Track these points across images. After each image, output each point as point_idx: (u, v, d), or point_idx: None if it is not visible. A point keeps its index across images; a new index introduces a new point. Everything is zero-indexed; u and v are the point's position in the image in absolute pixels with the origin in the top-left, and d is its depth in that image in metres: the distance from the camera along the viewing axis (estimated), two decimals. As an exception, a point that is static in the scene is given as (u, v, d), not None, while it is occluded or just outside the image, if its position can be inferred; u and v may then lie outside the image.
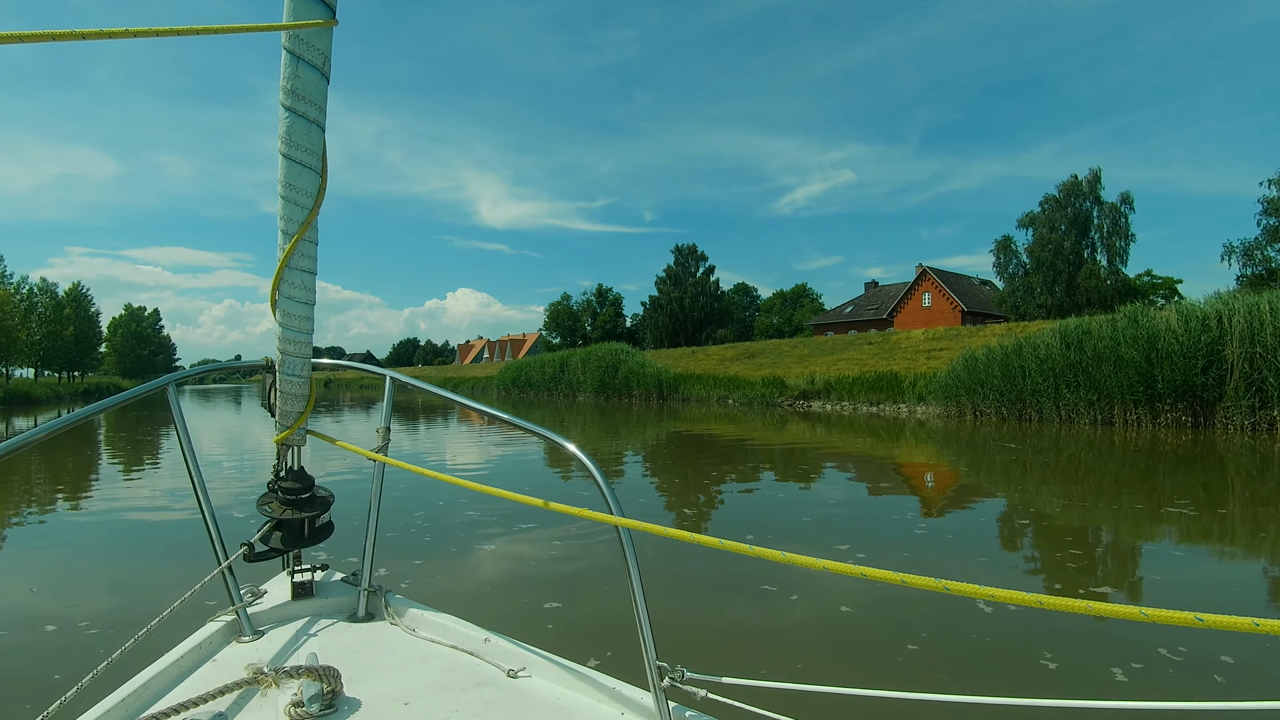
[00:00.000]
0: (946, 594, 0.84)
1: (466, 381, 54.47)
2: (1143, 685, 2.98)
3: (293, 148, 1.39)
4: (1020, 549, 5.61)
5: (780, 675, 2.98)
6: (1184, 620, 0.71)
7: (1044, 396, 17.00)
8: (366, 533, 1.79)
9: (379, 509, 1.81)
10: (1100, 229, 41.36)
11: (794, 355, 36.69)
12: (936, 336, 32.55)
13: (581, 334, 73.57)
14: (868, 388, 22.11)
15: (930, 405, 19.85)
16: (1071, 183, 42.18)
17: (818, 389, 23.86)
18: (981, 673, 3.19)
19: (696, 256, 66.56)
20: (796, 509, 7.12)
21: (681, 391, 28.91)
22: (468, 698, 1.32)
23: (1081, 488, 8.18)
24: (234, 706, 1.24)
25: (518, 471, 10.28)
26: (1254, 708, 0.78)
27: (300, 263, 1.53)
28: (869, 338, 36.43)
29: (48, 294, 58.00)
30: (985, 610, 3.88)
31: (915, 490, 8.45)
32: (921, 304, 49.48)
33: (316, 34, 1.33)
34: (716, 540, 1.08)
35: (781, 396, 24.34)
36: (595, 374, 33.02)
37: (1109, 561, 5.19)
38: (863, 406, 21.91)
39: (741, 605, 4.10)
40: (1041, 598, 0.78)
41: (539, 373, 38.95)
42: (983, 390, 18.08)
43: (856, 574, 0.91)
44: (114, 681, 1.29)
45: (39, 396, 44.37)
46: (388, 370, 2.03)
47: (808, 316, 67.44)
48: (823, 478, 9.47)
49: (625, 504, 1.33)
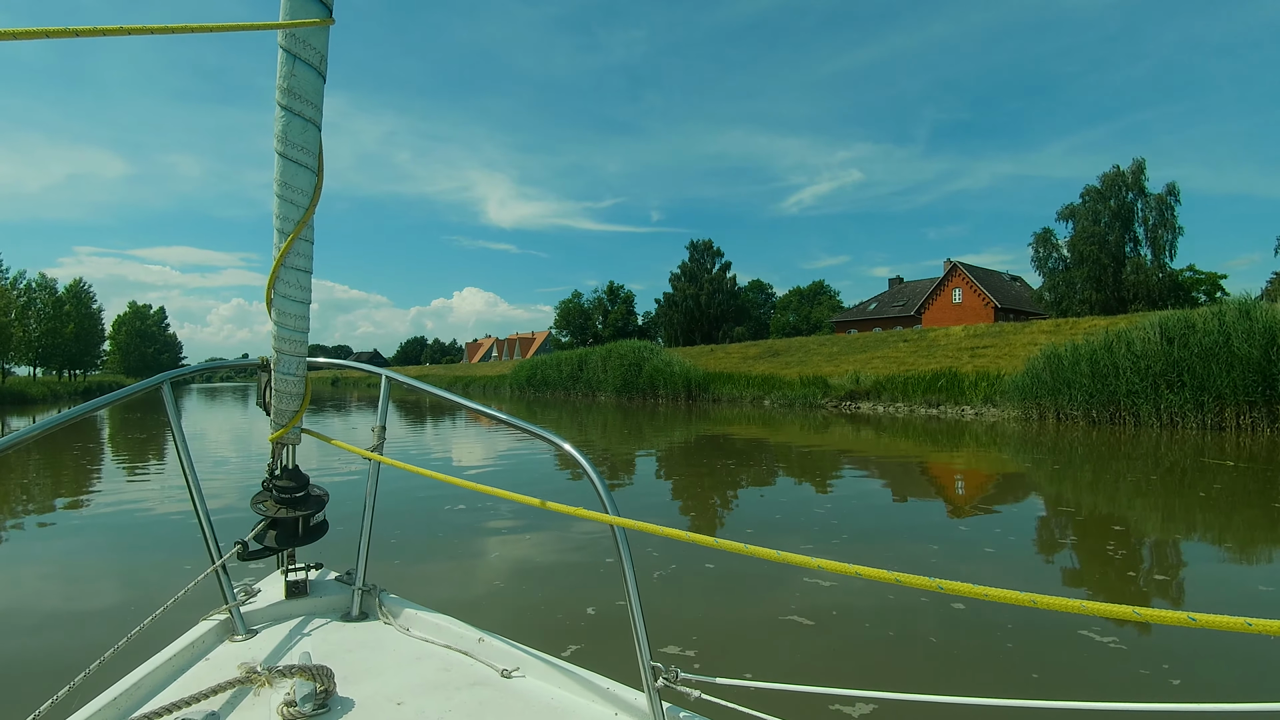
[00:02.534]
0: (941, 593, 0.83)
1: (477, 381, 52.66)
2: (1142, 685, 3.01)
3: (289, 147, 1.38)
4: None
5: (774, 676, 2.66)
6: (1177, 620, 0.72)
7: (1141, 398, 15.08)
8: (361, 532, 1.78)
9: (374, 508, 1.80)
10: (1145, 221, 39.26)
11: (822, 353, 35.14)
12: (978, 334, 30.93)
13: (593, 332, 71.79)
14: (924, 388, 20.17)
15: (999, 407, 17.93)
16: (1114, 174, 40.10)
17: (865, 389, 21.93)
18: (977, 673, 3.19)
19: (712, 253, 64.64)
20: (933, 534, 5.67)
21: (712, 391, 26.97)
22: (461, 698, 1.31)
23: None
24: (227, 706, 1.23)
25: (514, 471, 10.11)
26: (1254, 709, 0.78)
27: (296, 262, 1.51)
28: (903, 335, 34.77)
29: (47, 290, 56.08)
30: (983, 611, 3.84)
31: (1083, 526, 6.55)
32: (952, 300, 47.41)
33: (313, 33, 1.33)
34: (712, 539, 1.07)
35: (825, 397, 22.41)
36: (617, 373, 31.07)
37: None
38: (919, 408, 19.98)
39: (736, 605, 4.07)
40: (1035, 597, 0.78)
41: (555, 371, 37.07)
42: (1069, 391, 16.15)
43: (851, 573, 0.91)
44: (106, 680, 1.27)
45: (35, 396, 42.27)
46: (383, 370, 1.99)
47: (826, 314, 65.52)
48: (925, 494, 7.83)
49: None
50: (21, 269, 55.20)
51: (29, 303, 53.51)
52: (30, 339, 52.44)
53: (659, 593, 4.22)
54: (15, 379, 47.21)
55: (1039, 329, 28.55)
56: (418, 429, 18.34)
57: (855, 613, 3.93)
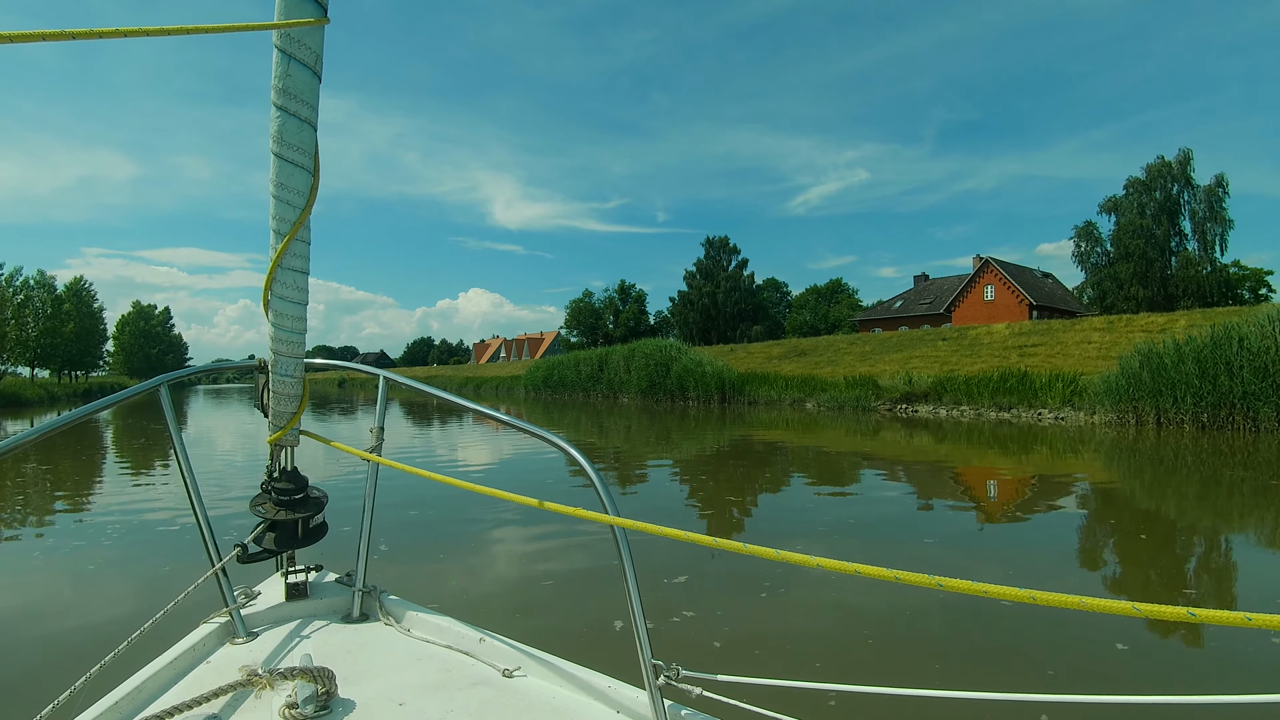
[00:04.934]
0: (941, 590, 0.81)
1: (489, 382, 50.91)
2: (1139, 678, 3.02)
3: (284, 147, 1.37)
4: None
5: (776, 673, 2.70)
6: (1178, 615, 0.72)
7: (1262, 400, 13.24)
8: (360, 533, 1.77)
9: (373, 509, 1.79)
10: (1193, 214, 37.28)
11: (854, 352, 33.60)
12: (1023, 332, 29.34)
13: (603, 332, 70.03)
14: (992, 389, 18.32)
15: (1082, 410, 16.09)
16: (1159, 164, 38.14)
17: (921, 391, 20.09)
18: (979, 668, 3.18)
19: (729, 250, 62.80)
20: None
21: (748, 394, 25.13)
22: (463, 698, 1.31)
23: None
24: (228, 708, 1.23)
25: (514, 471, 10.06)
26: (1252, 701, 0.78)
27: (292, 263, 1.49)
28: (941, 333, 33.15)
29: (45, 288, 53.98)
30: (984, 608, 3.80)
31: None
32: (983, 298, 45.41)
33: (308, 32, 1.32)
34: (710, 539, 1.06)
35: (877, 400, 20.57)
36: (642, 373, 29.20)
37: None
38: (988, 412, 18.14)
39: (737, 604, 4.05)
40: (1035, 594, 0.78)
41: (573, 372, 35.25)
42: (1172, 393, 14.30)
43: (850, 571, 0.91)
44: (108, 684, 1.26)
45: (30, 398, 39.86)
46: (381, 371, 1.95)
47: (845, 313, 63.58)
48: (1094, 517, 6.29)
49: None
50: (18, 265, 53.22)
51: (26, 300, 51.54)
52: (27, 338, 50.59)
53: (660, 592, 4.19)
54: (10, 380, 45.03)
55: (1090, 326, 27.02)
56: (423, 430, 18.01)
57: (857, 611, 3.91)
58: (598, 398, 32.92)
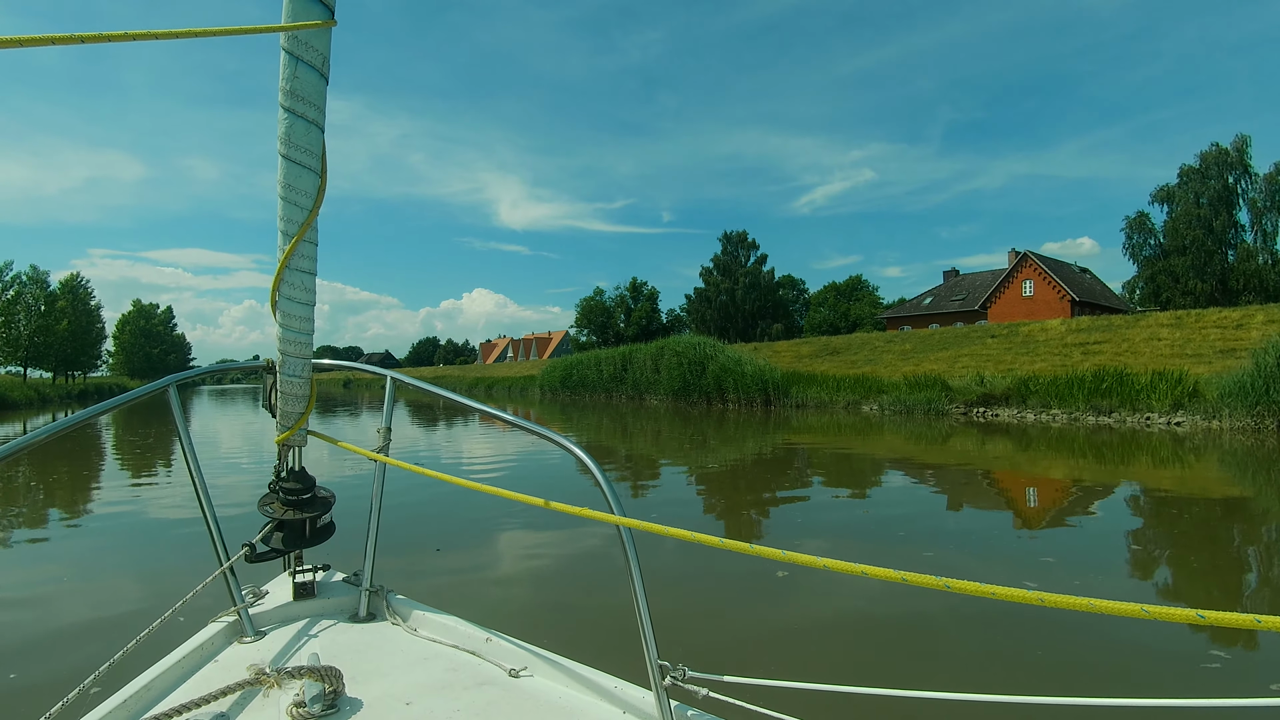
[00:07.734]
0: (948, 592, 0.83)
1: (501, 383, 48.81)
2: (1140, 680, 2.96)
3: (292, 149, 1.37)
4: None
5: (782, 674, 2.62)
6: (1185, 618, 0.71)
7: None
8: (368, 533, 1.76)
9: (380, 509, 1.78)
10: (1253, 203, 35.02)
11: (893, 351, 31.59)
12: (1081, 329, 27.30)
13: (615, 331, 67.92)
14: (1088, 391, 16.17)
15: (1197, 414, 13.93)
16: (1214, 152, 35.86)
17: (999, 393, 17.93)
18: (986, 670, 3.14)
19: (747, 245, 60.64)
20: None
21: (794, 395, 22.97)
22: (469, 697, 1.31)
23: None
24: (236, 707, 1.23)
25: (521, 471, 10.01)
26: (1255, 704, 0.77)
27: (300, 263, 1.50)
28: (990, 330, 31.10)
29: (38, 284, 51.59)
30: (990, 609, 3.75)
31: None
32: (1022, 293, 43.22)
33: (315, 34, 1.32)
34: (717, 539, 1.05)
35: (950, 402, 18.42)
36: (673, 373, 26.99)
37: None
38: (1084, 416, 15.98)
39: (744, 604, 4.00)
40: (1043, 595, 0.78)
41: (594, 372, 33.08)
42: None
43: (857, 572, 0.90)
44: (116, 682, 1.26)
45: (17, 400, 37.22)
46: (388, 371, 1.97)
47: (867, 310, 61.39)
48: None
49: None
50: (9, 259, 51.00)
51: (17, 297, 49.28)
52: (18, 336, 48.42)
53: (667, 593, 4.11)
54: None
55: (1157, 323, 25.03)
56: (430, 430, 17.75)
57: (865, 612, 3.85)
58: (621, 399, 30.75)
